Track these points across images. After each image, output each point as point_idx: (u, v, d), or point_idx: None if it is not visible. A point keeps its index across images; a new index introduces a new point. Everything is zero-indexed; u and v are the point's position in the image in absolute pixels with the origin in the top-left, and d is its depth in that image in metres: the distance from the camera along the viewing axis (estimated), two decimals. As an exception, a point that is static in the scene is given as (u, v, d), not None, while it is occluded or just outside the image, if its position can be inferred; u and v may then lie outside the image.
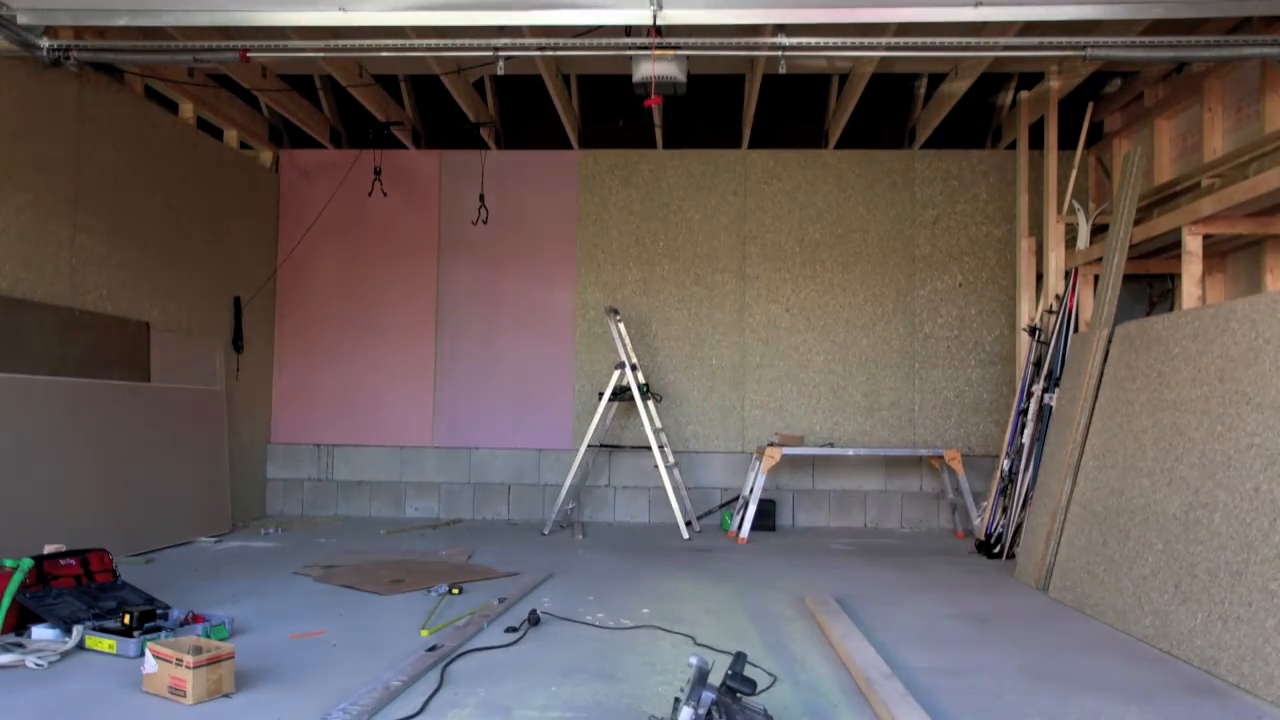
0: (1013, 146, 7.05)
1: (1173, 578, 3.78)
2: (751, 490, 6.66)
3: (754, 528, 6.57)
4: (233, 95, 6.92)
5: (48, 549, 3.90)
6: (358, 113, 7.29)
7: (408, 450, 7.54)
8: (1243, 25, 5.00)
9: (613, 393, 6.81)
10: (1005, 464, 6.09)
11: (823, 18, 4.58)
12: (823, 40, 4.89)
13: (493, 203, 7.54)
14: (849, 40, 4.86)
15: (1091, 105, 6.42)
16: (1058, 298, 6.07)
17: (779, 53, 4.89)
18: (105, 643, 3.43)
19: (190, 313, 6.47)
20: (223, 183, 6.89)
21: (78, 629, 3.47)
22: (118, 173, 5.73)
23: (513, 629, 3.82)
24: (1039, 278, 6.51)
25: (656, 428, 6.83)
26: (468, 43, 4.98)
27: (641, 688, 3.12)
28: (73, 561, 3.89)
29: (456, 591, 4.52)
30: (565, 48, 5.01)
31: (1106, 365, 4.85)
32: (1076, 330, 5.75)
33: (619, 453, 7.43)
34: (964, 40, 4.91)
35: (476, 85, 7.13)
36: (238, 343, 7.04)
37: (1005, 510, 6.01)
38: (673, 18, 4.51)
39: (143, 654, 3.06)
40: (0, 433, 4.65)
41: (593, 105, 7.53)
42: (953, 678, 3.29)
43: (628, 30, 4.86)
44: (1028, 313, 6.53)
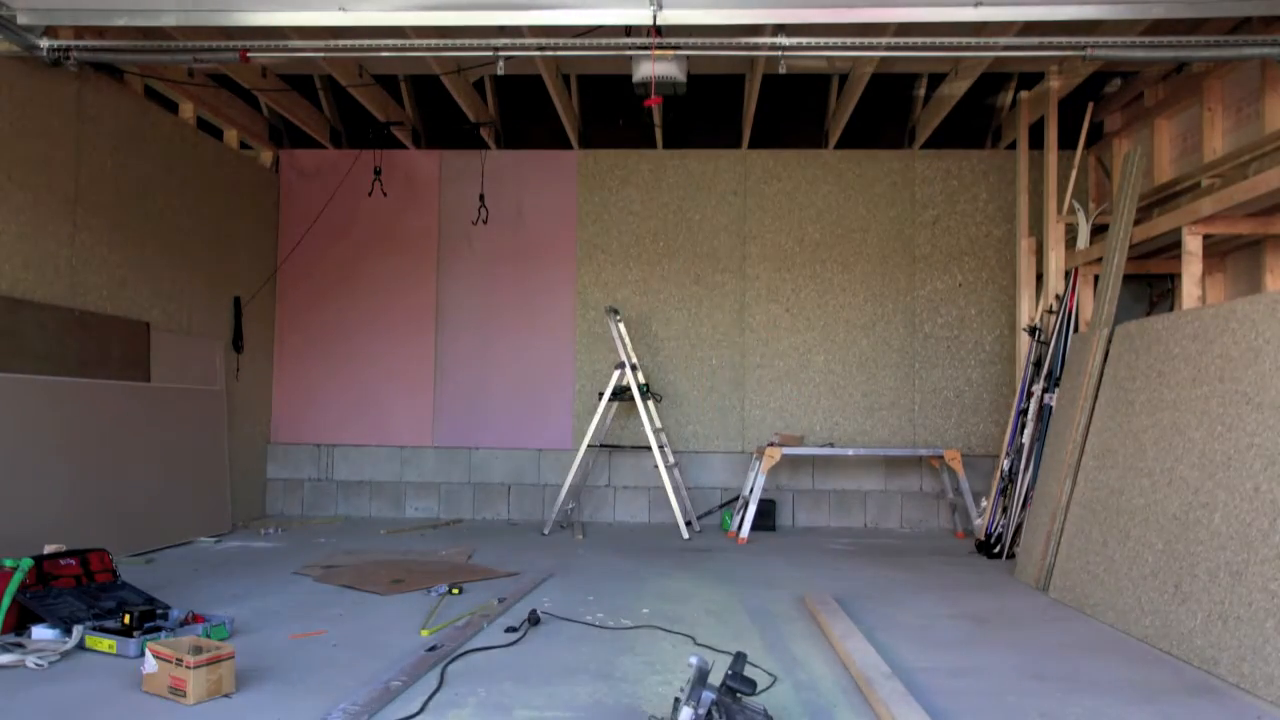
0: (1013, 146, 7.05)
1: (1173, 578, 3.78)
2: (751, 490, 6.67)
3: (754, 528, 6.57)
4: (233, 95, 6.92)
5: (48, 549, 3.90)
6: (358, 113, 7.29)
7: (408, 450, 7.54)
8: (1243, 25, 5.00)
9: (613, 393, 6.81)
10: (1005, 464, 6.09)
11: (822, 18, 4.58)
12: (823, 40, 4.90)
13: (493, 203, 7.54)
14: (849, 40, 4.87)
15: (1091, 105, 6.42)
16: (1058, 298, 6.07)
17: (779, 53, 4.89)
18: (105, 643, 3.43)
19: (190, 313, 6.47)
20: (223, 183, 6.89)
21: (78, 629, 3.47)
22: (118, 173, 5.73)
23: (513, 629, 3.82)
24: (1039, 278, 6.51)
25: (656, 428, 6.83)
26: (468, 43, 4.98)
27: (641, 688, 3.12)
28: (73, 561, 3.89)
29: (456, 591, 4.53)
30: (565, 48, 5.01)
31: (1106, 365, 4.85)
32: (1076, 330, 5.75)
33: (619, 453, 7.43)
34: (964, 40, 4.91)
35: (476, 85, 7.13)
36: (238, 343, 7.04)
37: (1005, 510, 6.01)
38: (673, 18, 4.51)
39: (143, 654, 3.06)
40: (0, 433, 4.65)
41: (593, 105, 7.53)
42: (953, 678, 3.29)
43: (628, 30, 4.86)
44: (1028, 313, 6.53)
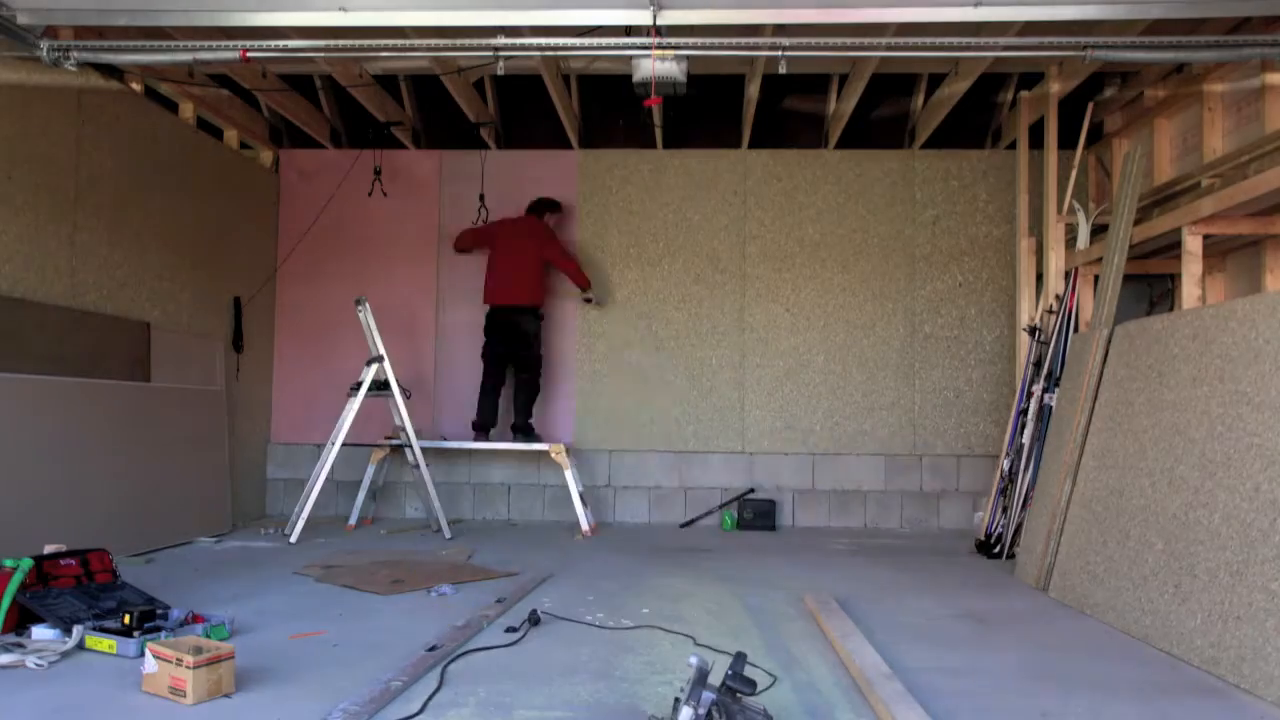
0: (1013, 146, 7.04)
1: (1173, 578, 3.78)
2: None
3: (754, 527, 6.58)
4: (233, 95, 6.92)
5: (48, 549, 3.89)
6: (358, 113, 7.29)
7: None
8: (1243, 25, 5.00)
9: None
10: (1005, 464, 6.09)
11: (823, 18, 4.58)
12: (823, 40, 4.89)
13: (493, 203, 7.53)
14: (849, 40, 4.86)
15: (1091, 105, 6.41)
16: (1058, 298, 6.06)
17: (779, 53, 4.88)
18: (105, 643, 3.43)
19: (190, 313, 6.47)
20: (223, 183, 6.89)
21: (78, 629, 3.47)
22: (118, 173, 5.73)
23: (513, 629, 3.82)
24: (1039, 278, 6.50)
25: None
26: (468, 43, 4.98)
27: (642, 687, 3.12)
28: (73, 561, 3.88)
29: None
30: (565, 48, 5.01)
31: (1106, 365, 4.85)
32: (1076, 330, 5.74)
33: (619, 453, 7.43)
34: (964, 40, 4.90)
35: (476, 85, 7.12)
36: (238, 343, 7.03)
37: (1005, 510, 6.01)
38: (673, 18, 4.51)
39: (143, 654, 3.06)
40: (0, 433, 4.65)
41: (593, 105, 7.53)
42: (953, 677, 3.29)
43: (628, 30, 4.86)
44: (1028, 313, 6.53)
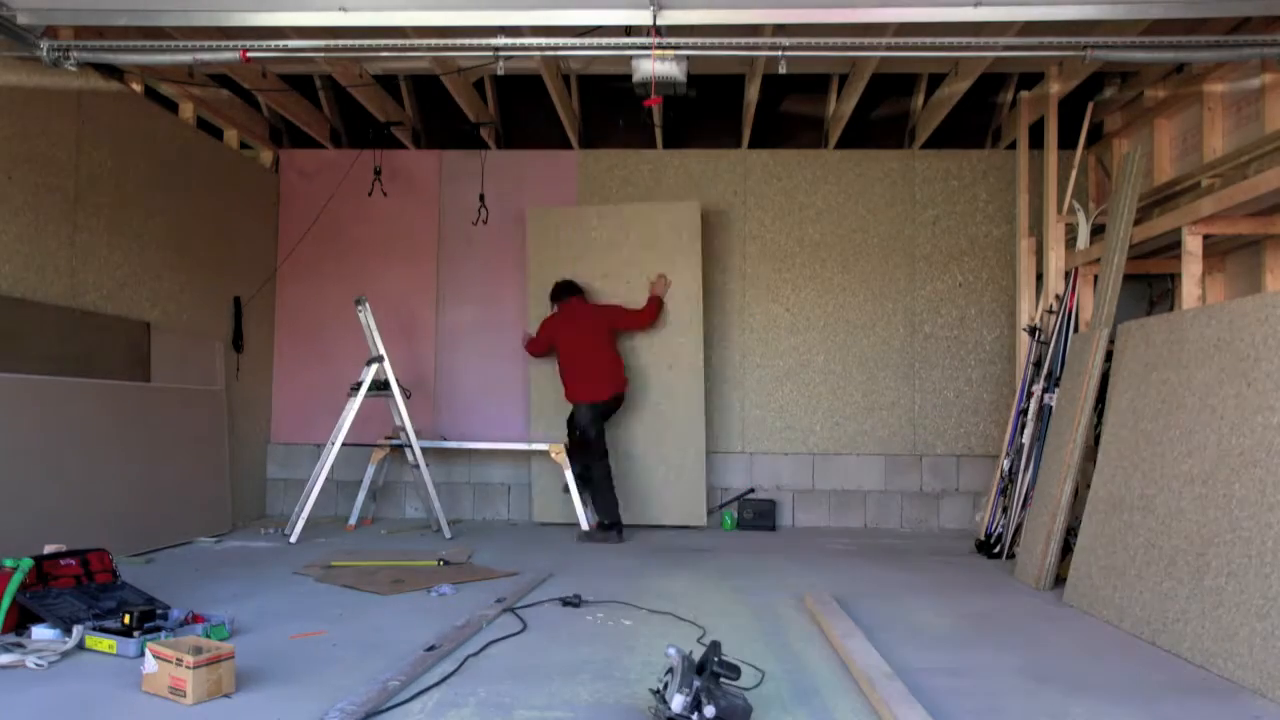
0: (1013, 146, 7.04)
1: (1173, 577, 3.78)
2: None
3: (754, 527, 6.58)
4: (233, 95, 6.92)
5: (48, 549, 3.89)
6: (358, 113, 7.29)
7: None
8: (1243, 25, 5.00)
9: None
10: (1005, 464, 6.09)
11: (823, 18, 4.58)
12: (822, 40, 4.89)
13: (493, 203, 7.53)
14: (849, 40, 4.86)
15: (1091, 105, 6.41)
16: (1058, 298, 6.06)
17: (779, 53, 4.88)
18: (105, 643, 3.43)
19: (190, 313, 6.47)
20: (223, 183, 6.89)
21: (78, 629, 3.47)
22: (118, 173, 5.72)
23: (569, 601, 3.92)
24: (1039, 278, 6.50)
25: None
26: (468, 43, 4.98)
27: (642, 687, 3.11)
28: (73, 561, 3.88)
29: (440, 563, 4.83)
30: (565, 48, 5.01)
31: (1116, 364, 4.85)
32: (1076, 330, 5.74)
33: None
34: (964, 40, 4.91)
35: (476, 85, 7.12)
36: (238, 343, 7.03)
37: (1005, 510, 6.01)
38: (673, 18, 4.51)
39: (143, 654, 3.06)
40: (0, 433, 4.65)
41: (593, 105, 7.53)
42: (953, 677, 3.29)
43: (628, 30, 4.86)
44: (1028, 313, 6.53)
